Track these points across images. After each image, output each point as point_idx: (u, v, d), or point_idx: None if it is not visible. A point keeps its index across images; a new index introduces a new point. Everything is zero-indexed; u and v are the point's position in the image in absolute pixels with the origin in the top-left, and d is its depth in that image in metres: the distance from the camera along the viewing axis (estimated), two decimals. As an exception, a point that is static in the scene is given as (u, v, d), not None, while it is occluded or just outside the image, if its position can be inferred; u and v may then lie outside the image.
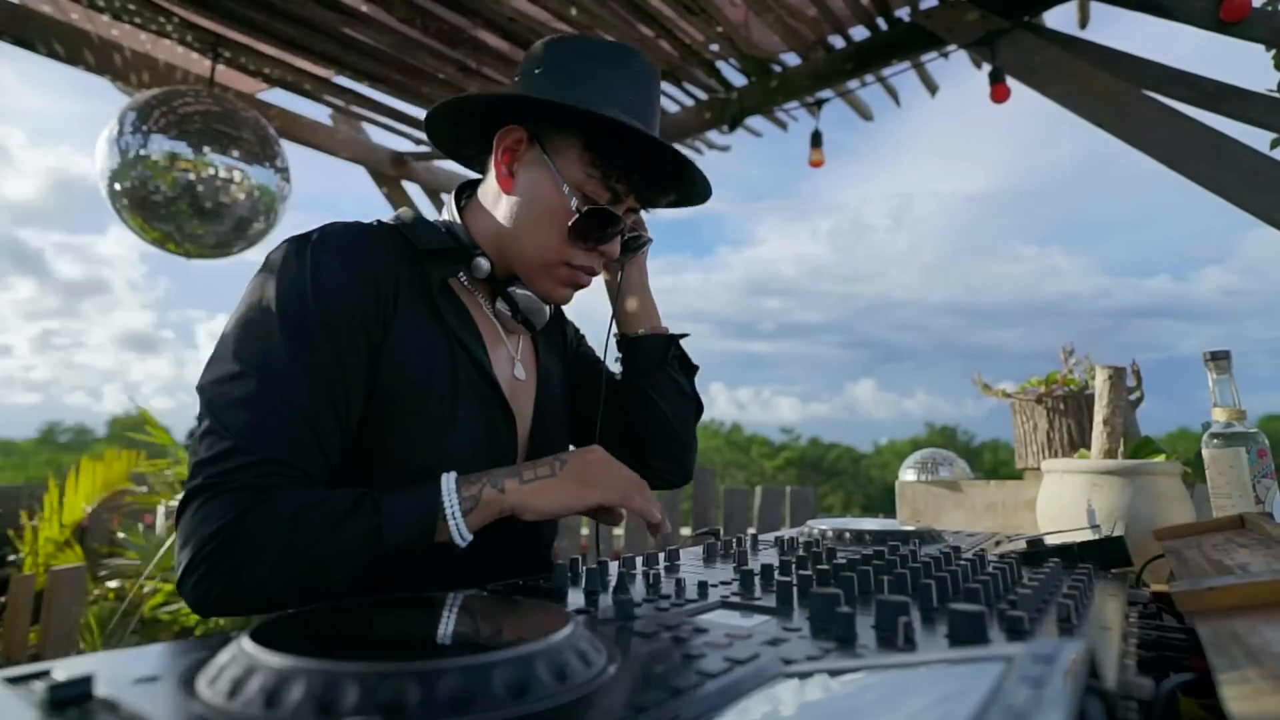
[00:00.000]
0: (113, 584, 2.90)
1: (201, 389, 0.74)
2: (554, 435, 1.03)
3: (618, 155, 0.86)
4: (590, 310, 1.12)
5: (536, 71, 0.89)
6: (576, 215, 0.87)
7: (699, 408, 1.13)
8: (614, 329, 1.11)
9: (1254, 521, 0.90)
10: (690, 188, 0.98)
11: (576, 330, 1.20)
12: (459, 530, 0.73)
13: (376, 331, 0.81)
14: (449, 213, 0.95)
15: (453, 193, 0.98)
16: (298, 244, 0.80)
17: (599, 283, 1.06)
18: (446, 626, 0.47)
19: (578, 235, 0.88)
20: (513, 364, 0.97)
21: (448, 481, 0.74)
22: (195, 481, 0.70)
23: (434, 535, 0.73)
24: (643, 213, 1.01)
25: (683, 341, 1.13)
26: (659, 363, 1.08)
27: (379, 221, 0.90)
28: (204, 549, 0.67)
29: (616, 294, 1.08)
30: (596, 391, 1.07)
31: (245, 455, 0.70)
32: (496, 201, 0.92)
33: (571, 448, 1.08)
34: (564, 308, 1.12)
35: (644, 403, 1.07)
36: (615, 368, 1.13)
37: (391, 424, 0.81)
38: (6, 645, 2.40)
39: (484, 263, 0.91)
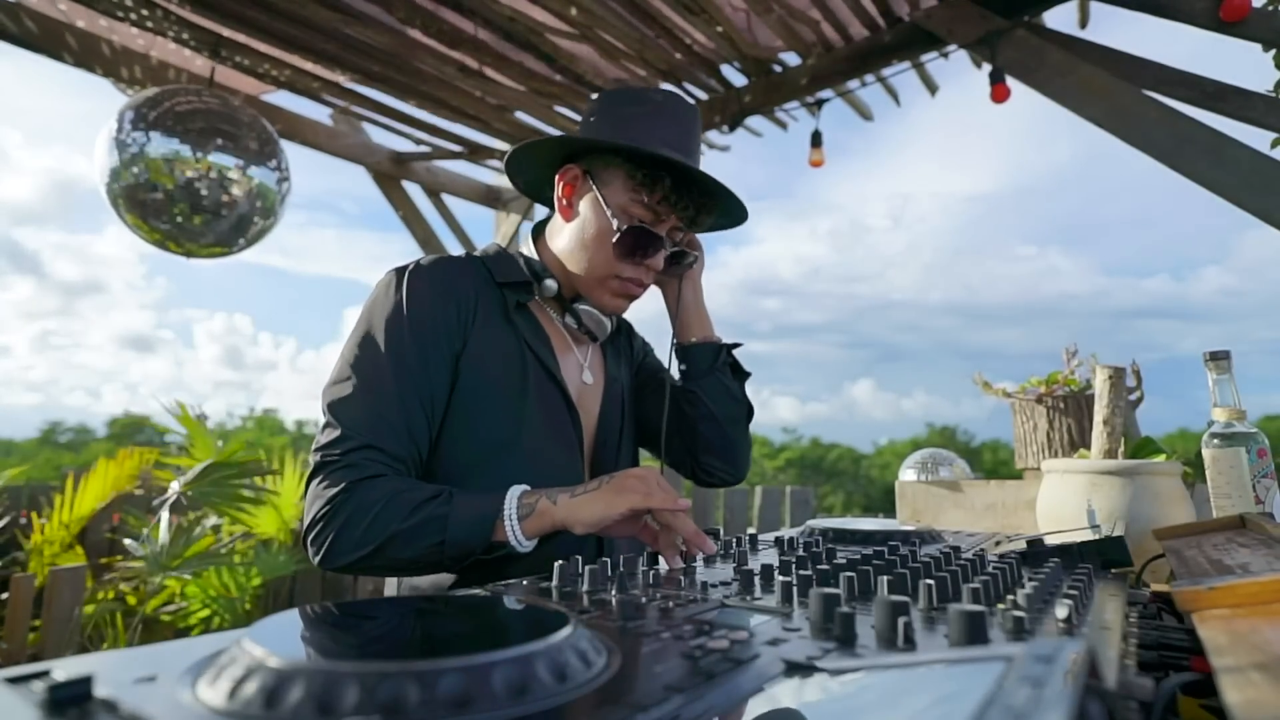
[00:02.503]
0: (124, 585, 2.88)
1: (322, 392, 0.92)
2: (617, 431, 1.15)
3: (657, 181, 0.99)
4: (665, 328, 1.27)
5: (592, 119, 1.05)
6: (619, 233, 1.00)
7: (749, 410, 1.22)
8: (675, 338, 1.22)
9: (1255, 521, 0.90)
10: (727, 209, 1.10)
11: (644, 343, 1.33)
12: (514, 532, 0.84)
13: (458, 341, 0.97)
14: (526, 247, 1.12)
15: (529, 230, 1.15)
16: (396, 273, 0.99)
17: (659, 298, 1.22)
18: (447, 626, 0.47)
19: (623, 251, 1.01)
20: (581, 369, 1.12)
21: (514, 490, 0.86)
22: (316, 460, 0.89)
23: (492, 533, 0.84)
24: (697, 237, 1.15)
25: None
26: (709, 368, 1.17)
27: (468, 254, 1.08)
28: (320, 512, 0.85)
29: (674, 307, 1.20)
30: (657, 395, 1.19)
31: (350, 441, 0.88)
32: (560, 231, 1.08)
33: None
34: (635, 325, 1.31)
35: (695, 403, 1.16)
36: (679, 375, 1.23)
37: (473, 415, 0.97)
38: (6, 645, 2.40)
39: (551, 284, 1.06)
